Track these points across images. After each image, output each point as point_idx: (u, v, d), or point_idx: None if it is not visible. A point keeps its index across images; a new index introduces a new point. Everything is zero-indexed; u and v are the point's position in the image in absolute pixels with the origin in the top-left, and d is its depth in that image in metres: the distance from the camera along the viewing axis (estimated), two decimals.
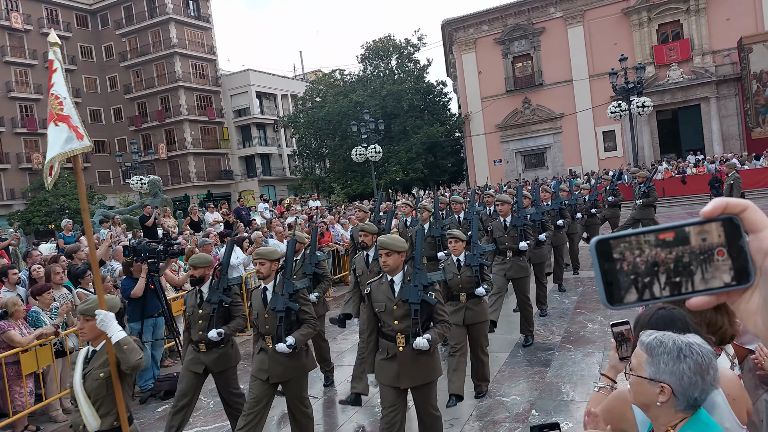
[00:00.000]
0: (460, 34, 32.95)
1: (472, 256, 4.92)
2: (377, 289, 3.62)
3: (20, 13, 36.62)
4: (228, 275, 4.72)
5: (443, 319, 3.57)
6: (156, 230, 11.49)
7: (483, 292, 4.84)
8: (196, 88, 40.85)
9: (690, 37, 28.08)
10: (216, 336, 4.16)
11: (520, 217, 6.59)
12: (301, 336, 3.85)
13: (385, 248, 3.50)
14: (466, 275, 4.89)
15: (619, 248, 0.64)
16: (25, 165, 35.90)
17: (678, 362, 1.48)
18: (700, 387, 1.46)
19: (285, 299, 3.85)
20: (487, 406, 4.89)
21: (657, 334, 1.55)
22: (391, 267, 3.52)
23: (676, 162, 25.14)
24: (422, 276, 3.53)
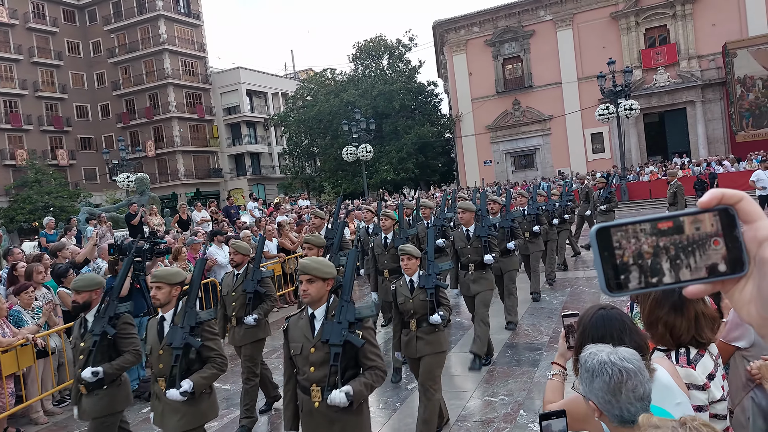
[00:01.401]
0: (451, 35, 33.05)
1: (427, 276, 4.21)
2: (295, 325, 2.90)
3: (5, 7, 36.09)
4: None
5: (375, 366, 2.76)
6: (142, 228, 11.37)
7: (438, 320, 4.10)
8: (186, 86, 40.54)
9: (677, 41, 28.43)
10: (90, 376, 3.39)
11: (484, 227, 5.89)
12: (202, 379, 3.17)
13: (306, 273, 2.77)
14: (419, 299, 4.16)
15: (619, 236, 0.65)
16: (8, 161, 35.35)
17: (592, 381, 1.50)
18: (616, 406, 1.45)
19: (184, 333, 3.16)
20: (476, 406, 4.90)
21: (591, 348, 1.57)
22: (313, 297, 2.79)
23: (662, 164, 25.44)
24: (349, 309, 2.79)
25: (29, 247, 9.43)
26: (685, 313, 1.98)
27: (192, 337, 3.17)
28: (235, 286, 4.85)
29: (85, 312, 3.68)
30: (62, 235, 9.66)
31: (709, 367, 1.98)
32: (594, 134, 30.43)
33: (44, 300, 5.54)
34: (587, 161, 30.39)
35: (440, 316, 4.13)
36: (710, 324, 2.02)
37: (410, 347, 4.22)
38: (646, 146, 29.88)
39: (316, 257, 3.05)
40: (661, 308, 1.99)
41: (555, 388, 2.08)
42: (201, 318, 3.24)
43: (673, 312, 1.98)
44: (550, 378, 2.13)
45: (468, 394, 5.13)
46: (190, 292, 3.32)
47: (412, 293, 4.22)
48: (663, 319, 1.99)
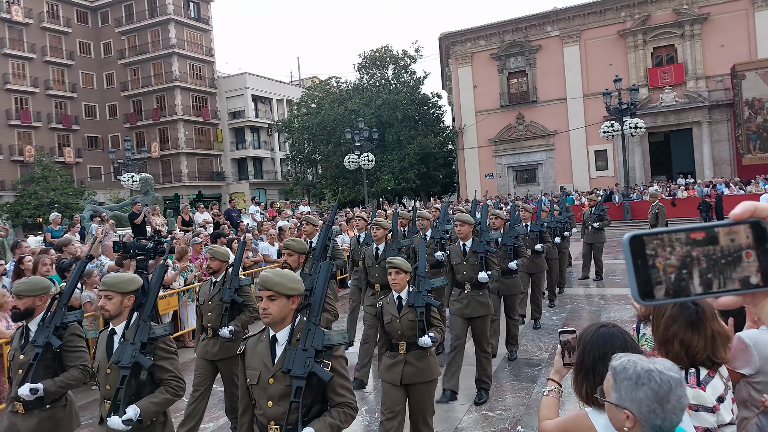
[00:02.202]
0: (457, 47, 33.27)
1: (417, 293, 3.81)
2: (253, 349, 2.44)
3: (21, 6, 36.52)
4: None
5: (344, 402, 2.33)
6: (145, 228, 11.42)
7: (428, 343, 3.67)
8: (193, 89, 40.82)
9: (684, 61, 28.54)
10: (28, 394, 2.94)
11: (482, 242, 5.37)
12: (152, 405, 2.71)
13: (267, 289, 2.34)
14: (407, 319, 3.74)
15: (652, 245, 0.66)
16: (17, 157, 35.62)
17: (636, 389, 1.46)
18: (660, 415, 1.43)
19: (134, 350, 2.72)
20: (473, 419, 4.85)
21: (625, 357, 1.54)
22: (274, 318, 2.36)
23: (666, 184, 25.44)
24: (317, 334, 2.33)
25: (34, 242, 9.49)
26: (702, 331, 1.94)
27: (143, 355, 2.71)
28: (211, 294, 4.50)
29: (27, 320, 3.18)
30: (66, 232, 9.72)
31: (719, 389, 1.95)
32: (598, 151, 30.45)
33: None
34: (590, 178, 30.39)
35: (431, 338, 3.68)
36: (724, 343, 1.99)
37: (394, 372, 3.74)
38: (651, 165, 29.88)
39: (281, 270, 2.48)
40: (677, 325, 1.96)
41: (551, 404, 2.06)
42: (155, 333, 2.76)
43: (690, 329, 1.94)
44: (546, 394, 2.10)
45: (464, 407, 5.08)
46: (144, 302, 2.83)
47: (399, 312, 3.78)
48: (679, 336, 1.95)
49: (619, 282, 10.86)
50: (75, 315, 3.21)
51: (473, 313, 5.24)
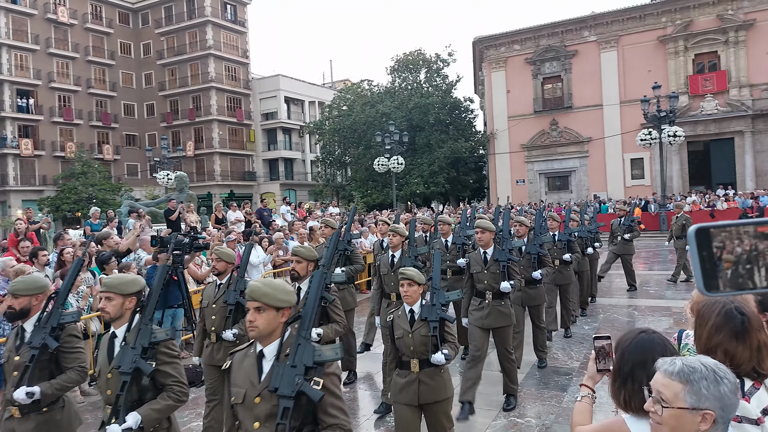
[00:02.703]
0: (491, 51, 33.03)
1: (430, 307, 3.59)
2: (240, 364, 2.27)
3: (67, 7, 37.93)
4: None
5: (337, 424, 2.15)
6: (179, 224, 11.68)
7: (442, 360, 3.45)
8: (227, 90, 41.62)
9: (727, 68, 27.67)
10: (24, 398, 2.83)
11: (504, 250, 5.14)
12: (153, 412, 2.61)
13: (254, 299, 2.19)
14: (420, 334, 3.52)
15: (719, 237, 0.65)
16: (59, 153, 36.93)
17: (718, 385, 1.41)
18: (736, 407, 1.42)
19: (135, 355, 2.63)
20: (501, 426, 4.81)
21: (679, 360, 1.49)
22: (261, 331, 2.18)
23: (704, 194, 24.70)
24: (307, 350, 2.14)
25: (74, 235, 9.81)
26: (748, 342, 1.88)
27: (144, 360, 2.62)
28: (216, 297, 4.39)
29: (22, 320, 3.04)
30: (104, 226, 10.02)
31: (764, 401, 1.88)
32: (634, 159, 29.76)
33: (86, 284, 5.75)
34: (625, 187, 29.72)
35: (445, 355, 3.45)
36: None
37: (409, 392, 3.53)
38: (689, 175, 29.03)
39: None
40: (720, 334, 1.91)
41: (584, 410, 2.02)
42: (157, 337, 2.67)
43: (735, 339, 1.89)
44: (579, 400, 2.07)
45: (494, 413, 5.05)
46: (146, 305, 2.74)
47: (412, 326, 3.57)
48: (723, 345, 1.90)
49: (654, 293, 10.57)
50: (72, 315, 3.09)
51: (494, 324, 5.04)
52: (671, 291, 10.70)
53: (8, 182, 35.07)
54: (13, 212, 32.26)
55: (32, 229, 8.26)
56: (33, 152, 35.71)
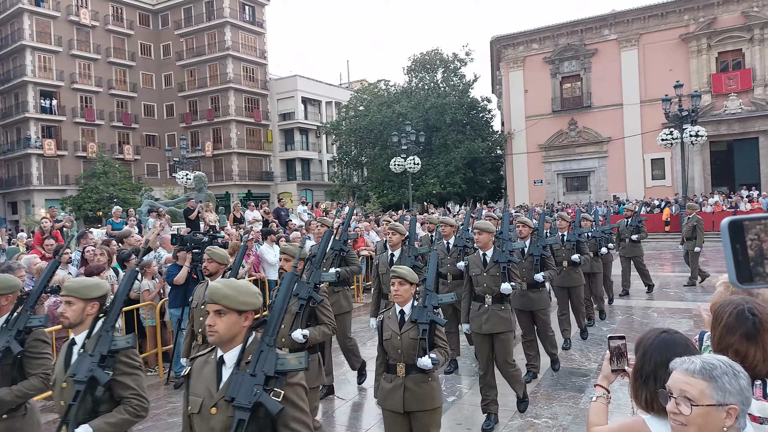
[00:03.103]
0: (509, 51, 32.81)
1: (422, 308, 3.40)
2: (199, 371, 2.11)
3: (89, 9, 38.65)
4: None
5: None
6: (199, 223, 11.83)
7: (428, 364, 3.23)
8: (245, 90, 42.01)
9: (752, 67, 27.10)
10: None
11: (504, 252, 4.92)
12: (107, 426, 2.38)
13: (214, 302, 2.02)
14: (408, 336, 3.33)
15: (753, 230, 0.65)
16: (80, 153, 37.65)
17: (738, 379, 1.43)
18: (750, 401, 1.44)
19: (92, 363, 2.42)
20: (518, 426, 4.81)
21: (696, 359, 1.51)
22: (222, 336, 2.02)
23: (727, 195, 24.24)
24: (270, 358, 1.96)
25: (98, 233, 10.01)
26: (760, 343, 1.87)
27: (101, 369, 2.40)
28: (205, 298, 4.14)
29: None
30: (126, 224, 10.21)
31: None
32: (655, 159, 29.31)
33: (108, 282, 5.86)
34: (645, 187, 29.29)
35: (432, 359, 3.22)
36: None
37: (395, 398, 3.34)
38: (711, 176, 28.49)
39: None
40: (733, 335, 1.90)
41: (600, 410, 2.02)
42: (117, 345, 2.45)
43: (746, 340, 1.88)
44: (594, 400, 2.07)
45: (510, 412, 5.04)
46: (110, 311, 2.54)
47: (401, 328, 3.37)
48: (734, 346, 1.89)
49: (673, 295, 10.44)
50: (40, 319, 2.91)
51: (493, 329, 4.81)
52: (691, 293, 10.55)
53: (32, 182, 35.86)
54: (37, 211, 33.02)
55: (57, 228, 8.46)
56: (56, 152, 36.46)
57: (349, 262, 5.85)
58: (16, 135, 37.28)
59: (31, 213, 34.28)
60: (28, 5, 35.72)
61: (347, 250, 5.82)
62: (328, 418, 5.14)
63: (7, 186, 37.51)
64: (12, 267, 4.92)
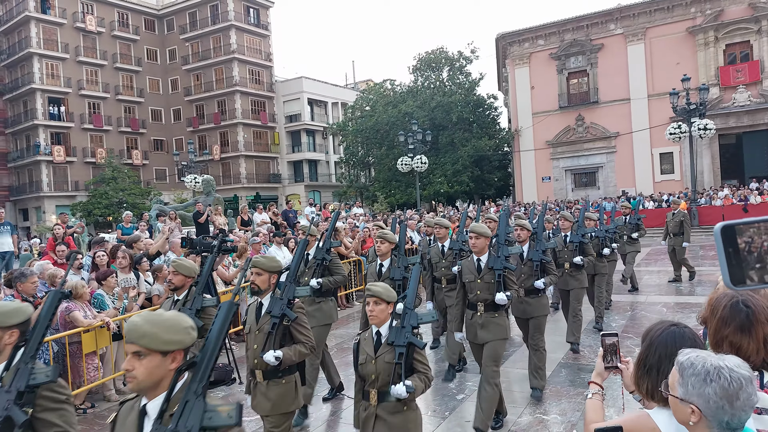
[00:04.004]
0: (514, 48, 32.70)
1: (399, 329, 3.07)
2: (124, 420, 1.80)
3: (95, 16, 38.99)
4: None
5: None
6: (208, 226, 11.92)
7: (402, 393, 2.87)
8: (252, 93, 42.19)
9: (760, 58, 26.84)
10: None
11: (500, 257, 4.59)
12: None
13: (132, 342, 1.66)
14: (384, 361, 3.01)
15: (745, 233, 0.68)
16: (89, 159, 37.99)
17: (704, 385, 1.46)
18: (728, 412, 1.43)
19: (8, 401, 2.14)
20: (527, 422, 4.82)
21: (692, 353, 1.53)
22: (142, 383, 1.67)
23: (736, 188, 24.02)
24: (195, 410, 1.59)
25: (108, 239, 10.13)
26: (753, 334, 1.90)
27: (18, 407, 2.10)
28: None
29: None
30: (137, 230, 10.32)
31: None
32: (663, 154, 29.10)
33: (124, 284, 5.95)
34: (654, 182, 29.08)
35: (407, 387, 2.87)
36: None
37: (367, 428, 3.06)
38: (721, 169, 28.24)
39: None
40: (727, 327, 1.94)
41: (596, 407, 2.06)
42: (36, 379, 2.13)
43: (740, 332, 1.91)
44: (590, 397, 2.10)
45: (519, 410, 5.05)
46: (30, 339, 2.20)
47: (376, 352, 3.08)
48: (729, 338, 1.93)
49: (684, 290, 10.38)
50: None
51: (487, 338, 4.52)
52: (701, 287, 10.48)
53: (42, 188, 36.25)
54: (48, 217, 33.39)
55: (69, 234, 8.57)
56: (65, 159, 36.82)
57: (333, 272, 5.42)
58: (25, 142, 37.70)
59: (42, 219, 34.65)
60: (35, 13, 36.11)
61: (330, 258, 5.40)
62: (335, 417, 5.18)
63: (18, 193, 37.95)
64: (25, 273, 5.01)
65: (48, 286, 5.48)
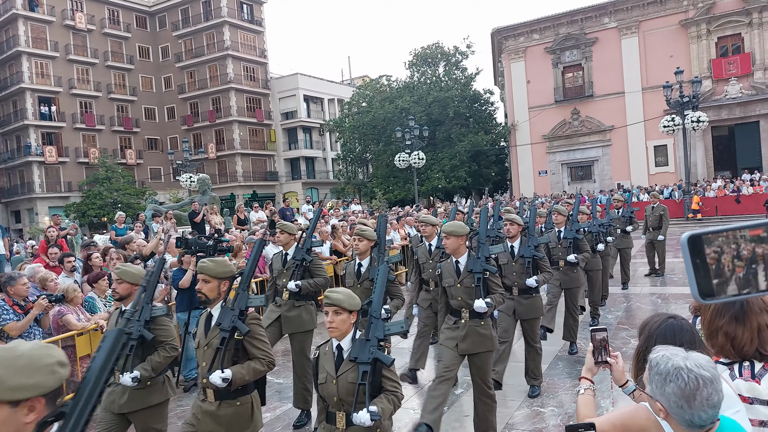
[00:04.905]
0: (509, 42, 32.68)
1: (363, 342, 2.67)
2: None
3: (84, 13, 38.57)
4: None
5: None
6: (204, 226, 11.88)
7: (367, 422, 2.49)
8: (247, 90, 41.97)
9: (752, 51, 26.92)
10: None
11: (479, 258, 4.15)
12: None
13: None
14: (347, 381, 2.63)
15: (712, 243, 0.65)
16: (82, 159, 37.70)
17: (664, 385, 1.50)
18: (688, 411, 1.46)
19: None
20: (523, 415, 4.85)
21: (662, 351, 1.56)
22: None
23: (729, 180, 24.13)
24: None
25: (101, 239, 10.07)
26: (747, 324, 1.92)
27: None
28: None
29: None
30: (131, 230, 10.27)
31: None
32: (657, 146, 29.22)
33: None
34: (649, 174, 29.21)
35: (372, 414, 2.48)
36: None
37: None
38: (714, 161, 28.39)
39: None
40: (721, 318, 1.95)
41: (588, 402, 2.08)
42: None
43: (734, 322, 1.93)
44: (582, 393, 2.11)
45: (516, 403, 5.10)
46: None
47: (337, 369, 2.66)
48: (723, 329, 1.94)
49: (678, 281, 10.44)
50: None
51: (472, 349, 4.09)
52: None
53: (34, 190, 35.94)
54: (41, 219, 33.18)
55: (61, 236, 8.51)
56: (57, 159, 36.46)
57: (313, 273, 5.05)
58: (16, 143, 37.31)
59: (35, 221, 34.39)
60: (23, 11, 35.59)
61: (310, 259, 5.03)
62: None
63: (9, 195, 37.60)
64: (13, 277, 4.98)
65: (39, 288, 5.44)
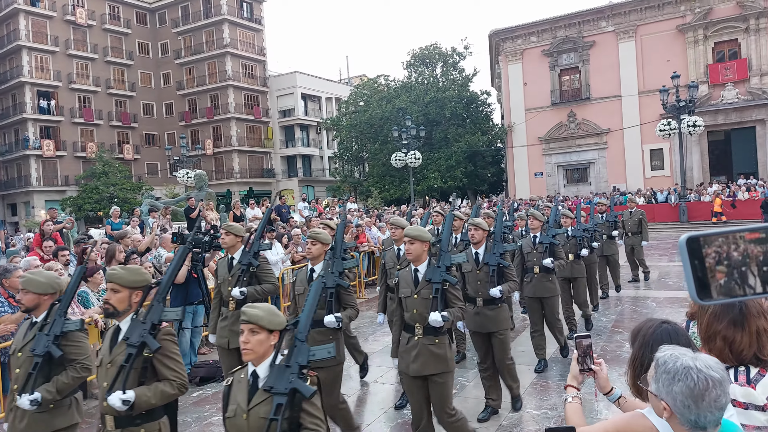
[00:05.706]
0: (507, 44, 32.75)
1: (283, 369, 2.25)
2: None
3: (85, 8, 38.55)
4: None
5: None
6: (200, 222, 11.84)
7: None
8: (245, 88, 41.95)
9: (748, 56, 27.06)
10: None
11: (439, 268, 3.69)
12: None
13: None
14: (257, 416, 2.22)
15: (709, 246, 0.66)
16: (80, 153, 37.65)
17: (672, 384, 1.49)
18: (694, 412, 1.46)
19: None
20: (517, 417, 4.85)
21: (670, 351, 1.55)
22: None
23: (725, 184, 24.26)
24: None
25: (97, 234, 10.05)
26: (746, 328, 1.92)
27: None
28: (24, 342, 3.02)
29: None
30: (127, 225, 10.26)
31: None
32: (653, 150, 29.33)
33: None
34: (645, 178, 29.32)
35: None
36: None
37: None
38: (710, 165, 28.53)
39: None
40: (720, 322, 1.95)
41: (577, 410, 2.06)
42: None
43: (733, 326, 1.92)
44: (570, 401, 2.08)
45: (509, 404, 5.09)
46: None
47: (249, 403, 2.24)
48: (722, 333, 1.94)
49: (673, 285, 10.48)
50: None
51: (423, 370, 3.63)
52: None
53: (31, 183, 35.89)
54: (37, 212, 33.09)
55: (56, 230, 8.50)
56: (55, 153, 36.44)
57: (261, 279, 4.70)
58: (14, 136, 37.29)
59: (31, 214, 34.30)
60: (24, 5, 35.63)
61: (257, 263, 4.68)
62: None
63: (6, 188, 37.55)
64: (8, 269, 4.98)
65: None
